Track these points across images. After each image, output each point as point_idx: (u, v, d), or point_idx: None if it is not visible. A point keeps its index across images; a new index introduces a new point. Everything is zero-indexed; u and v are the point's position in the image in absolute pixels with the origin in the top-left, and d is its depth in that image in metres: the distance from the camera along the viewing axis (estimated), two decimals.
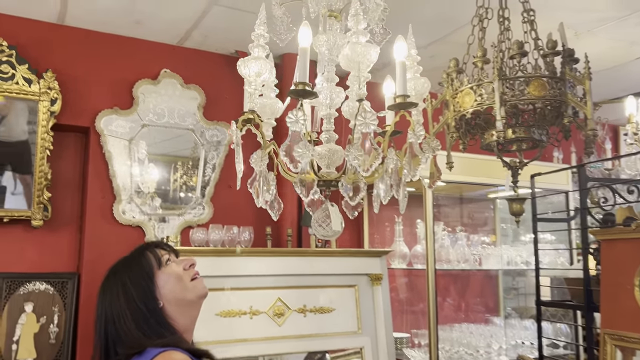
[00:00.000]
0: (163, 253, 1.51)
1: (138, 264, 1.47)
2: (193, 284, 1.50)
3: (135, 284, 1.43)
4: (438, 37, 3.31)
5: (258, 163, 1.62)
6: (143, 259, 1.48)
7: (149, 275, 1.45)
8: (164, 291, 1.45)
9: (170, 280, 1.47)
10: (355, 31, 1.52)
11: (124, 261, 1.51)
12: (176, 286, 1.46)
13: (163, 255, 1.51)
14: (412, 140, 1.58)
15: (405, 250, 3.80)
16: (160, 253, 1.51)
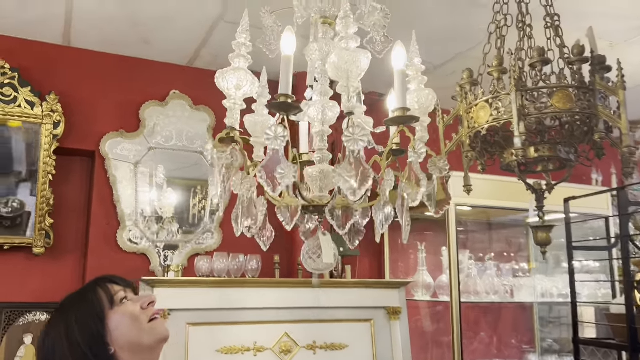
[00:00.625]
0: (117, 289, 1.30)
1: (87, 301, 1.27)
2: (151, 325, 1.30)
3: (81, 326, 1.23)
4: (457, 52, 3.11)
5: (238, 186, 1.44)
6: (93, 296, 1.28)
7: (99, 315, 1.25)
8: (116, 335, 1.25)
9: (124, 321, 1.27)
10: (344, 36, 1.33)
11: (72, 298, 1.31)
12: (131, 329, 1.27)
13: (117, 292, 1.30)
14: (411, 159, 1.37)
15: (429, 281, 3.54)
16: (114, 289, 1.30)
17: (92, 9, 2.71)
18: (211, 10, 2.74)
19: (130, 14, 2.76)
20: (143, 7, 2.71)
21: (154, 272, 3.07)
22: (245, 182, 1.47)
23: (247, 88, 1.46)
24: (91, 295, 1.28)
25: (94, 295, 1.28)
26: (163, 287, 2.46)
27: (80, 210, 3.09)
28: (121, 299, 1.29)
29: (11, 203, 2.83)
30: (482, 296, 3.49)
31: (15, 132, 2.82)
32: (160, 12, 2.74)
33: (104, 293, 1.28)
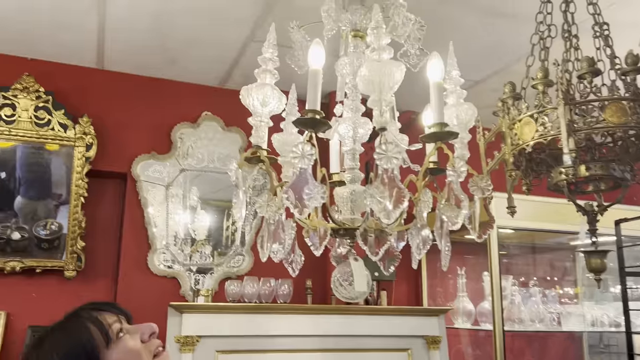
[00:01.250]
0: (111, 320, 1.06)
1: (76, 341, 1.02)
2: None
3: None
4: (496, 68, 2.98)
5: (264, 209, 1.35)
6: (84, 332, 1.02)
7: (93, 358, 1.01)
8: None
9: None
10: (375, 47, 1.24)
11: (55, 336, 1.05)
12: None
13: (112, 325, 1.05)
14: (451, 178, 1.26)
15: (470, 307, 3.36)
16: (107, 320, 1.06)
17: (124, 34, 2.72)
18: (241, 31, 2.71)
19: (162, 37, 2.76)
20: (174, 31, 2.71)
21: (183, 296, 3.00)
22: (272, 204, 1.39)
23: (274, 105, 1.39)
24: (81, 331, 1.03)
25: (84, 331, 1.02)
26: (191, 313, 2.39)
27: (112, 233, 3.07)
28: (117, 333, 1.05)
29: (49, 225, 2.83)
30: (527, 324, 3.29)
31: (54, 155, 2.83)
32: (191, 34, 2.73)
33: (97, 328, 1.03)
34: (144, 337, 1.09)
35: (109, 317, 1.07)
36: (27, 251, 2.79)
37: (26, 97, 2.80)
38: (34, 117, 2.80)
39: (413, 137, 1.48)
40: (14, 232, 2.77)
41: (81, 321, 1.04)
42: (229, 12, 2.54)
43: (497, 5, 2.45)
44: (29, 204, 2.80)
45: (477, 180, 1.33)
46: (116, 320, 1.08)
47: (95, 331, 1.03)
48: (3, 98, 2.76)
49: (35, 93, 2.82)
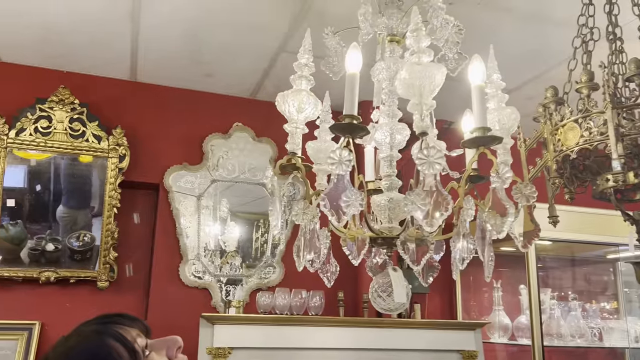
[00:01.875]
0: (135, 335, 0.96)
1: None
2: None
3: None
4: (534, 74, 2.91)
5: (300, 217, 1.32)
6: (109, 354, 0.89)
7: None
8: None
9: None
10: (415, 50, 1.21)
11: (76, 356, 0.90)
12: None
13: (136, 339, 0.94)
14: (496, 185, 1.20)
15: (507, 322, 3.26)
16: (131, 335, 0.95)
17: (157, 47, 2.75)
18: (272, 42, 2.71)
19: (194, 50, 2.78)
20: (206, 43, 2.72)
21: (215, 307, 2.98)
22: (308, 212, 1.35)
23: (310, 111, 1.36)
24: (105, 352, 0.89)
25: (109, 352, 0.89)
26: (223, 325, 2.36)
27: (144, 243, 3.08)
28: (143, 350, 0.95)
29: (82, 237, 2.86)
30: (567, 340, 3.17)
31: (88, 166, 2.87)
32: (222, 46, 2.74)
33: (123, 347, 0.91)
34: (170, 353, 1.00)
35: (131, 331, 0.97)
36: (60, 262, 2.81)
37: (62, 109, 2.85)
38: (69, 129, 2.84)
39: (448, 146, 1.43)
40: (48, 244, 2.80)
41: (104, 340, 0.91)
42: (261, 24, 2.54)
43: (534, 10, 2.39)
44: (70, 213, 2.84)
45: (521, 188, 1.27)
46: (139, 335, 0.97)
47: (120, 349, 0.90)
48: (40, 110, 2.81)
49: (71, 105, 2.86)
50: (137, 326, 0.98)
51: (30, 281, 2.78)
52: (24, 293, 2.80)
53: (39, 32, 2.63)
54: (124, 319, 0.98)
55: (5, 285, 2.76)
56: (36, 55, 2.86)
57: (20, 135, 2.75)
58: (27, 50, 2.80)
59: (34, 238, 2.79)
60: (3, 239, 2.71)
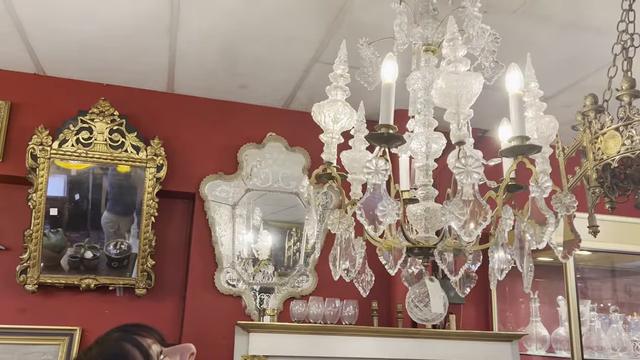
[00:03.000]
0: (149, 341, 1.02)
1: None
2: None
3: None
4: (570, 82, 2.86)
5: (336, 226, 1.33)
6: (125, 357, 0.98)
7: None
8: None
9: None
10: (451, 59, 1.21)
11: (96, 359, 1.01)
12: None
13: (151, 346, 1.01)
14: (535, 194, 1.19)
15: (544, 333, 3.19)
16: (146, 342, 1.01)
17: (194, 59, 2.81)
18: (306, 53, 2.73)
19: (229, 62, 2.83)
20: (241, 56, 2.77)
21: (249, 315, 3.01)
22: (343, 222, 1.36)
23: (345, 121, 1.38)
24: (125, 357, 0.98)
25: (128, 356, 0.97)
26: (258, 332, 2.38)
27: (180, 251, 3.14)
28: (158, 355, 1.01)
29: (120, 245, 2.93)
30: (608, 353, 3.08)
31: (127, 175, 2.94)
32: (257, 58, 2.79)
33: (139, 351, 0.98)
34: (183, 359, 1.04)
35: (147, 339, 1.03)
36: (98, 269, 2.88)
37: (102, 121, 2.93)
38: (109, 140, 2.92)
39: (483, 155, 1.42)
40: (87, 251, 2.88)
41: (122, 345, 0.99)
42: (295, 36, 2.58)
43: (572, 18, 2.35)
44: (115, 219, 2.92)
45: (561, 197, 1.25)
46: (154, 342, 1.03)
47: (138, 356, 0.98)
48: (81, 122, 2.90)
49: (110, 117, 2.95)
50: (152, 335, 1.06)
51: (71, 288, 2.86)
52: (65, 299, 2.89)
53: (80, 48, 2.73)
54: (141, 329, 1.06)
55: (47, 291, 2.85)
56: (78, 69, 2.96)
57: (62, 146, 2.84)
58: (70, 64, 2.90)
59: (73, 246, 2.87)
60: (45, 247, 2.80)
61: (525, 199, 1.37)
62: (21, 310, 2.82)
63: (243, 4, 2.35)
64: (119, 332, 1.05)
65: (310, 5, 2.36)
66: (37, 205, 2.78)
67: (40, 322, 2.81)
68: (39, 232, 2.78)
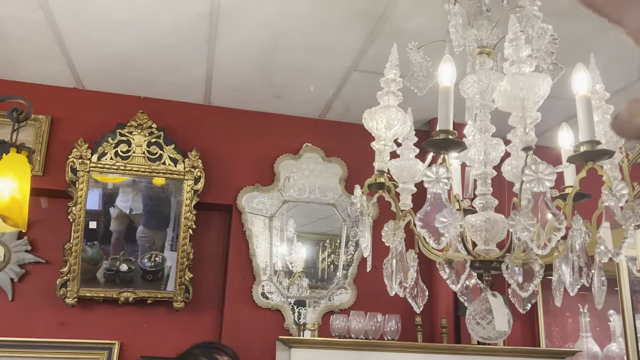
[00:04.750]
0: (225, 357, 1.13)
1: None
2: None
3: None
4: (623, 84, 2.74)
5: (390, 238, 1.26)
6: None
7: None
8: None
9: None
10: (515, 59, 1.14)
11: None
12: None
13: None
14: (609, 203, 1.10)
15: (596, 350, 3.03)
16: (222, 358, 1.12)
17: (231, 71, 2.80)
18: (343, 62, 2.69)
19: (266, 72, 2.81)
20: (278, 66, 2.75)
21: (287, 329, 2.95)
22: (398, 234, 1.30)
23: (398, 128, 1.32)
24: None
25: None
26: (300, 348, 2.32)
27: (218, 264, 3.10)
28: None
29: (154, 257, 2.91)
30: None
31: (164, 188, 2.93)
32: (294, 68, 2.75)
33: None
34: None
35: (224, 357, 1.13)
36: (133, 282, 2.87)
37: (140, 134, 2.93)
38: (147, 152, 2.91)
39: None
40: (122, 264, 2.87)
41: None
42: (333, 45, 2.54)
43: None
44: (149, 233, 2.91)
45: (633, 206, 1.16)
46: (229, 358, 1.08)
47: None
48: (120, 135, 2.90)
49: (149, 129, 2.95)
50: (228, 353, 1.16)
51: (109, 301, 2.85)
52: (103, 313, 2.88)
53: (119, 60, 2.74)
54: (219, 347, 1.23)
55: (86, 305, 2.85)
56: (116, 83, 2.98)
57: (101, 159, 2.85)
58: (108, 77, 2.92)
59: (108, 259, 2.86)
60: (82, 260, 2.80)
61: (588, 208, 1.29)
62: (61, 323, 2.82)
63: (280, 14, 2.32)
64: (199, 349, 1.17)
65: (348, 14, 2.32)
66: (77, 219, 2.78)
67: (79, 336, 2.80)
68: (79, 245, 2.78)
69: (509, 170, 1.39)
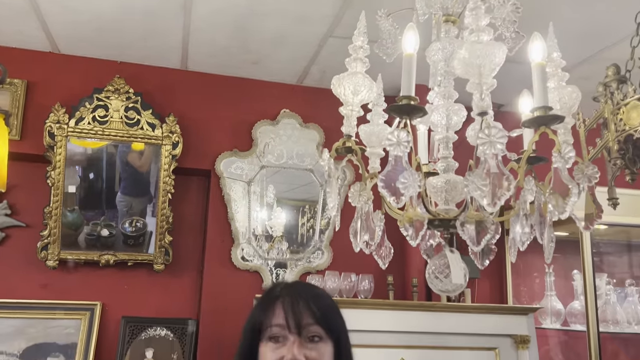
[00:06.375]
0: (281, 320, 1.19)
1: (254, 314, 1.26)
2: None
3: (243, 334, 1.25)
4: (588, 54, 2.81)
5: (356, 198, 1.34)
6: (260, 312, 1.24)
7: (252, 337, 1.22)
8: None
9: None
10: (474, 29, 1.19)
11: (260, 297, 1.31)
12: None
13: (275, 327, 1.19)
14: (558, 165, 1.18)
15: (559, 307, 3.20)
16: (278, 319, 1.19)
17: (208, 36, 2.80)
18: (320, 28, 2.71)
19: (242, 38, 2.82)
20: (254, 32, 2.76)
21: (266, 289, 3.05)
22: (363, 194, 1.37)
23: (365, 94, 1.37)
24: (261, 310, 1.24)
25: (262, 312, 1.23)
26: None
27: (197, 228, 3.17)
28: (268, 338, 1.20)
29: (135, 223, 2.96)
30: (624, 326, 3.09)
31: (142, 153, 2.96)
32: (270, 33, 2.77)
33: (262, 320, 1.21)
34: None
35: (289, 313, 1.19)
36: (114, 247, 2.93)
37: (117, 99, 2.94)
38: (124, 118, 2.93)
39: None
40: (103, 229, 2.92)
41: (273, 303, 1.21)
42: (309, 10, 2.55)
43: None
44: (127, 200, 2.95)
45: (582, 168, 1.25)
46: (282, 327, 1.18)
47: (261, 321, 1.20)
48: (97, 100, 2.91)
49: (126, 94, 2.95)
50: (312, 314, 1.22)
51: (90, 264, 2.92)
52: (85, 275, 2.94)
53: (95, 25, 2.72)
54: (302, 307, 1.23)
55: (67, 267, 2.91)
56: (92, 47, 2.96)
57: (79, 124, 2.86)
58: (83, 42, 2.90)
59: (89, 224, 2.90)
60: (62, 225, 2.84)
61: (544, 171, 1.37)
62: (43, 285, 2.88)
63: None
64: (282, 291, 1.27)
65: None
66: (56, 183, 2.81)
67: (61, 297, 2.87)
68: (59, 209, 2.82)
69: (472, 135, 1.46)
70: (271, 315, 1.19)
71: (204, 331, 2.93)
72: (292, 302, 1.19)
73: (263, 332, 1.19)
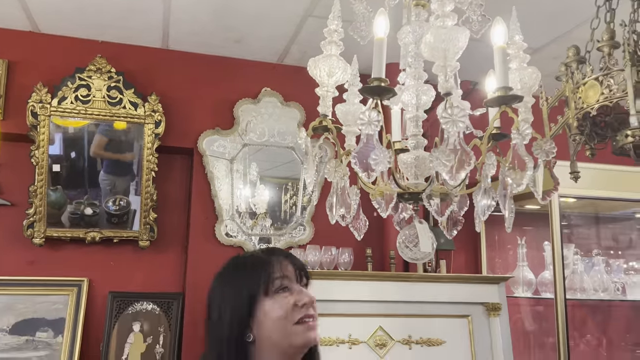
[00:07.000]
0: (287, 272, 1.23)
1: (245, 276, 1.22)
2: (295, 329, 1.19)
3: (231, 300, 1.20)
4: (557, 34, 2.91)
5: (332, 174, 1.42)
6: (253, 272, 1.22)
7: (249, 297, 1.19)
8: (261, 325, 1.19)
9: (271, 316, 1.19)
10: (440, 14, 1.28)
11: (236, 263, 1.29)
12: (274, 327, 1.19)
13: (282, 278, 1.22)
14: (516, 141, 1.28)
15: (531, 277, 3.36)
16: (283, 271, 1.22)
17: (188, 15, 2.83)
18: (299, 7, 2.76)
19: (223, 16, 2.85)
20: (234, 10, 2.79)
21: None
22: (339, 170, 1.46)
23: (339, 75, 1.45)
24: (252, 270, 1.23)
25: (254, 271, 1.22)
26: None
27: (181, 205, 3.24)
28: (279, 288, 1.21)
29: (118, 201, 3.02)
30: (590, 293, 3.26)
31: (125, 132, 3.01)
32: (250, 12, 2.81)
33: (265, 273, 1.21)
34: (298, 302, 1.22)
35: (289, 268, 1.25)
36: (98, 225, 2.98)
37: (99, 78, 2.97)
38: (107, 97, 2.97)
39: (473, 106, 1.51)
40: (87, 208, 2.98)
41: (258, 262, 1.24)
42: None
43: None
44: (110, 179, 3.01)
45: (541, 144, 1.35)
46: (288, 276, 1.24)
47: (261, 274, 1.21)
48: (79, 79, 2.94)
49: (108, 74, 2.98)
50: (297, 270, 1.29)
51: (76, 241, 2.98)
52: (71, 252, 3.00)
53: (74, 4, 2.74)
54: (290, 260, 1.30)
55: (54, 244, 2.96)
56: (73, 26, 2.98)
57: (62, 103, 2.89)
58: (64, 21, 2.92)
59: (72, 203, 2.96)
60: (47, 204, 2.89)
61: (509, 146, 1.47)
62: (30, 262, 2.94)
63: None
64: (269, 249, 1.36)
65: None
66: (40, 162, 2.85)
67: (49, 274, 2.93)
68: (44, 187, 2.87)
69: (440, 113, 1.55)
70: (277, 269, 1.22)
71: (190, 305, 3.03)
72: (292, 257, 1.30)
73: (268, 286, 1.20)
